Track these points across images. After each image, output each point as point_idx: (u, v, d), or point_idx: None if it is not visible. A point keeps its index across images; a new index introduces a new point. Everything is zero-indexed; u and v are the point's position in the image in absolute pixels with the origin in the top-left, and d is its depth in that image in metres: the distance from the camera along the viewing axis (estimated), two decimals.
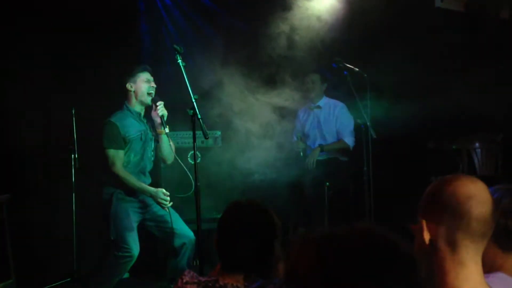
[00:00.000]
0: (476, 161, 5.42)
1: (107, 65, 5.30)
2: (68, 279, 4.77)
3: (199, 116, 3.72)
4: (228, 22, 5.98)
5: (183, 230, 4.24)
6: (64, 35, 5.21)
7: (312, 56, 5.29)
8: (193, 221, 3.95)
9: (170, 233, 4.20)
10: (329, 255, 1.02)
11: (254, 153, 5.08)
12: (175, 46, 4.03)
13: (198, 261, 4.02)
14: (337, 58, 5.17)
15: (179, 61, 3.86)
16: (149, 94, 4.22)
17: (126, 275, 4.98)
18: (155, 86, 4.25)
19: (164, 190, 4.14)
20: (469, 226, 1.47)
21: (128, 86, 4.24)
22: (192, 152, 3.98)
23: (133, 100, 4.26)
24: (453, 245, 1.48)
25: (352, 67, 5.12)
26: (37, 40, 5.13)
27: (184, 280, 2.03)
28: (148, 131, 4.31)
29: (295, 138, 5.59)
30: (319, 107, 5.55)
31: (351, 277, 0.99)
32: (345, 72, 5.08)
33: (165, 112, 4.16)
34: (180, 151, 4.64)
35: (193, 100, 3.75)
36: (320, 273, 1.01)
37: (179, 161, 4.10)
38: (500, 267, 1.74)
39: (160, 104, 4.15)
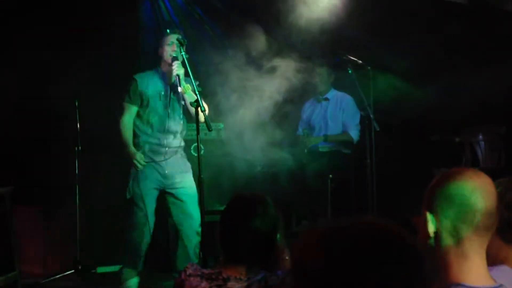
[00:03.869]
0: (479, 153, 5.41)
1: (108, 55, 5.29)
2: (72, 271, 4.79)
3: (202, 109, 3.71)
4: (230, 13, 5.94)
5: (191, 230, 4.25)
6: (64, 25, 5.19)
7: (317, 48, 5.27)
8: None
9: (181, 217, 4.27)
10: (334, 247, 1.02)
11: (257, 145, 5.07)
12: (177, 39, 4.03)
13: (201, 254, 4.04)
14: (341, 51, 5.16)
15: (182, 53, 3.85)
16: (171, 56, 4.19)
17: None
18: (179, 46, 4.14)
19: (142, 156, 4.20)
20: (474, 219, 1.46)
21: (159, 52, 4.33)
22: (196, 144, 3.98)
23: (162, 63, 4.31)
24: (457, 238, 1.48)
25: (355, 59, 5.11)
26: (37, 30, 5.11)
27: (188, 273, 2.04)
28: (170, 93, 4.27)
29: (300, 130, 5.58)
30: (326, 99, 5.54)
31: (357, 270, 0.99)
32: (349, 71, 5.07)
33: (180, 71, 4.08)
34: None
35: (197, 92, 3.75)
36: (325, 265, 1.01)
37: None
38: (504, 260, 1.75)
39: (176, 64, 4.10)
